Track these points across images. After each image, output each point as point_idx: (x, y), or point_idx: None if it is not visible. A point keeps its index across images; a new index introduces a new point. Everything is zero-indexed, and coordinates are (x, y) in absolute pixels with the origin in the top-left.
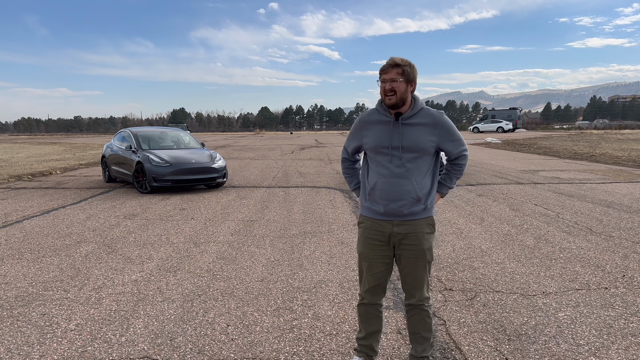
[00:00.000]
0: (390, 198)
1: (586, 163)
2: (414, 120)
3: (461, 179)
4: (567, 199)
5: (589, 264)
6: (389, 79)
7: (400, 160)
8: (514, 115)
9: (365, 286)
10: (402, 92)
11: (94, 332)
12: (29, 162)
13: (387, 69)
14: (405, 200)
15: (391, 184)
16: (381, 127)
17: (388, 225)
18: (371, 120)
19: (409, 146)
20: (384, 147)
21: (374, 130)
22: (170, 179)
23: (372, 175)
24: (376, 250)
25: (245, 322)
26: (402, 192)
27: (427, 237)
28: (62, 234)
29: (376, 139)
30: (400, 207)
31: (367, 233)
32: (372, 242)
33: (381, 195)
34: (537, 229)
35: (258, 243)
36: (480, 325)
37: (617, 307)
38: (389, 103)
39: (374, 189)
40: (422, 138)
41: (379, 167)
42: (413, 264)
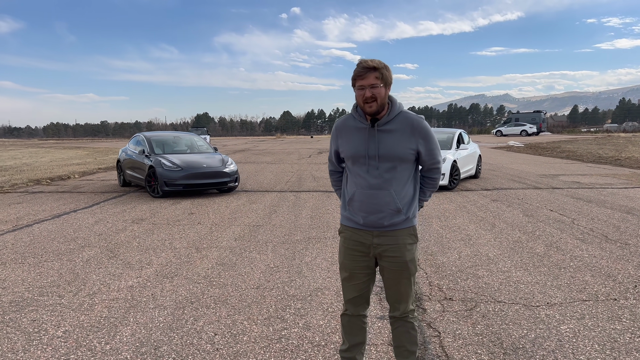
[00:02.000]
0: (369, 210)
1: (610, 167)
2: (391, 126)
3: (477, 183)
4: (585, 205)
5: (600, 273)
6: (368, 85)
7: (377, 170)
8: (538, 118)
9: (347, 297)
10: (383, 98)
11: (80, 339)
12: (50, 167)
13: (364, 73)
14: (385, 212)
15: (369, 196)
16: (357, 134)
17: (368, 235)
18: (347, 126)
19: (386, 155)
20: (360, 156)
21: (350, 138)
22: (182, 184)
23: (350, 185)
24: (357, 260)
25: (234, 331)
26: (381, 204)
27: (409, 248)
28: (68, 238)
29: (352, 147)
30: (380, 220)
31: (347, 243)
32: (352, 252)
33: (360, 207)
34: (549, 236)
35: (260, 249)
36: (476, 338)
37: (625, 320)
38: (371, 111)
39: (352, 200)
40: (399, 145)
41: (356, 177)
42: (396, 277)
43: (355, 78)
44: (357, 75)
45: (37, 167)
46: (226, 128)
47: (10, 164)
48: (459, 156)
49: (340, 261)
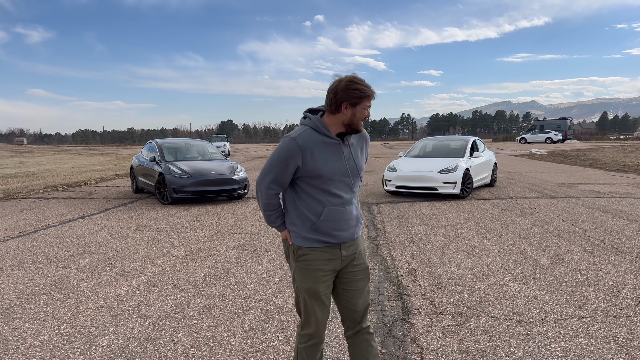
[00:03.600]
0: (342, 228)
1: (633, 176)
2: (352, 139)
3: (491, 191)
4: (600, 215)
5: (604, 288)
6: (368, 107)
7: (349, 186)
8: (564, 125)
9: (319, 325)
10: None
11: (56, 349)
12: (70, 173)
13: (369, 97)
14: (356, 226)
15: (342, 213)
16: (329, 149)
17: (337, 251)
18: (314, 142)
19: (358, 169)
20: (334, 172)
21: (322, 154)
22: (190, 190)
23: (313, 205)
24: (326, 282)
25: (211, 344)
26: (353, 218)
27: (365, 253)
28: (69, 245)
29: (327, 163)
30: (352, 233)
31: (316, 265)
32: (321, 274)
33: (334, 226)
34: (556, 248)
35: (256, 257)
36: (459, 355)
37: (622, 339)
38: (360, 129)
39: (321, 220)
40: (361, 158)
41: (325, 195)
42: (362, 285)
43: (363, 97)
44: (368, 95)
45: (58, 173)
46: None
47: (33, 170)
48: (472, 164)
49: (307, 288)
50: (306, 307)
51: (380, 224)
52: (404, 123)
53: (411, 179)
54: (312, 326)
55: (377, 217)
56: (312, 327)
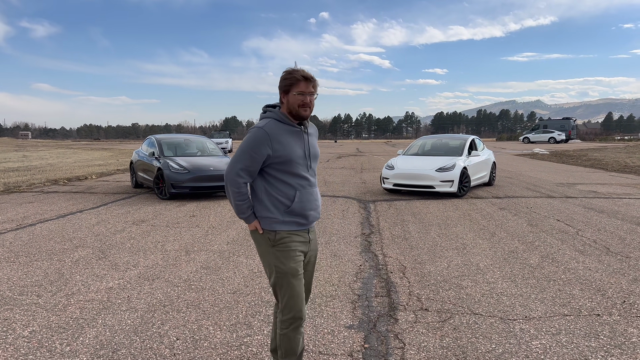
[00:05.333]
0: (313, 207)
1: (633, 177)
2: (310, 130)
3: (489, 190)
4: (595, 215)
5: (590, 287)
6: (308, 92)
7: (313, 170)
8: (568, 125)
9: (300, 304)
10: (313, 106)
11: (43, 340)
12: (72, 167)
13: (305, 81)
14: (320, 207)
15: (312, 194)
16: (293, 137)
17: (305, 233)
18: (280, 131)
19: (316, 154)
20: (299, 157)
21: (287, 141)
22: (188, 186)
23: (285, 189)
24: (301, 262)
25: (197, 337)
26: (318, 199)
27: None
28: (65, 239)
29: (292, 149)
30: (318, 214)
31: (293, 246)
32: (296, 254)
33: (307, 206)
34: (547, 247)
35: (249, 253)
36: (440, 351)
37: (603, 337)
38: (305, 115)
39: (294, 202)
40: (317, 146)
41: (295, 178)
42: (312, 267)
43: (293, 84)
44: (296, 82)
45: (60, 167)
46: None
47: (35, 164)
48: (470, 163)
49: (289, 268)
50: (291, 290)
51: (375, 221)
52: (408, 121)
53: (409, 177)
54: (295, 307)
55: (373, 214)
56: (294, 309)
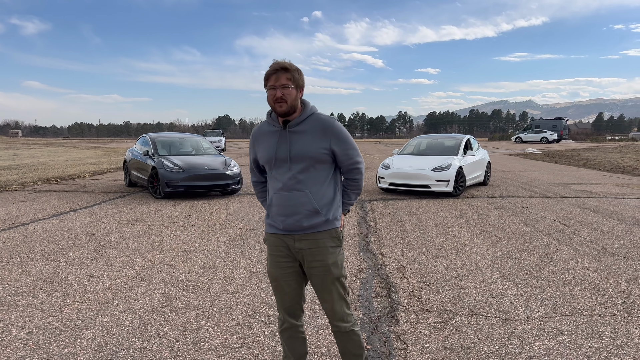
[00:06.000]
0: (286, 213)
1: (626, 176)
2: (302, 127)
3: (484, 190)
4: (590, 215)
5: (590, 287)
6: (279, 85)
7: (290, 172)
8: (560, 125)
9: (280, 308)
10: (293, 99)
11: (40, 342)
12: (64, 166)
13: (276, 73)
14: (302, 213)
15: (285, 198)
16: (270, 137)
17: (290, 240)
18: (262, 132)
19: (298, 155)
20: (273, 158)
21: (264, 142)
22: (183, 185)
23: (270, 191)
24: (283, 267)
25: (197, 338)
26: (297, 205)
27: (331, 251)
28: (59, 238)
29: (267, 151)
30: (298, 221)
31: (271, 250)
32: (277, 259)
33: (278, 211)
34: (545, 247)
35: (247, 253)
36: (444, 352)
37: (605, 337)
38: (281, 111)
39: (271, 205)
40: (311, 145)
41: (272, 180)
42: (321, 281)
43: (267, 78)
44: (268, 75)
45: (52, 166)
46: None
47: (26, 163)
48: (466, 163)
49: (268, 270)
50: (274, 292)
51: (372, 220)
52: (401, 121)
53: (404, 177)
54: (279, 306)
55: (370, 214)
56: (279, 307)
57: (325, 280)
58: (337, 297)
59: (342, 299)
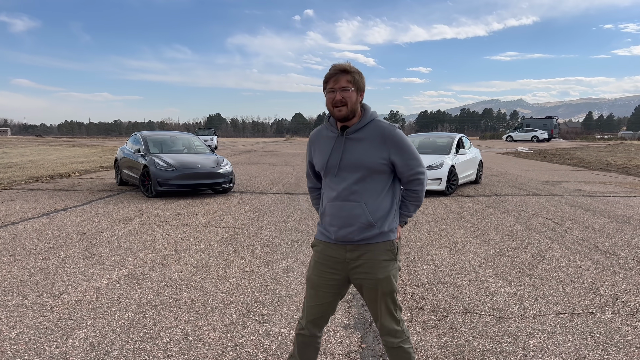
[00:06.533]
0: (339, 224)
1: (616, 175)
2: (360, 134)
3: (476, 188)
4: (582, 213)
5: (583, 285)
6: (339, 88)
7: (345, 181)
8: (550, 124)
9: (309, 317)
10: (353, 103)
11: (31, 342)
12: (54, 164)
13: (336, 75)
14: (355, 226)
15: (338, 208)
16: (327, 143)
17: (341, 250)
18: (320, 136)
19: (354, 164)
20: (330, 166)
21: (321, 148)
22: (175, 184)
23: (324, 199)
24: (325, 277)
25: (190, 338)
26: (351, 217)
27: (384, 264)
28: (50, 237)
29: (322, 157)
30: (350, 234)
31: (318, 257)
32: (322, 267)
33: (331, 221)
34: (538, 245)
35: (240, 252)
36: (438, 351)
37: (598, 335)
38: (339, 115)
39: (324, 214)
40: (369, 154)
41: (326, 189)
42: (370, 294)
43: (327, 80)
44: (328, 77)
45: (42, 164)
46: (238, 129)
47: (16, 161)
48: (458, 161)
49: (308, 276)
50: (306, 295)
51: None
52: (393, 119)
53: None
54: (305, 316)
55: None
56: (305, 317)
57: (375, 295)
58: (386, 311)
59: (391, 315)
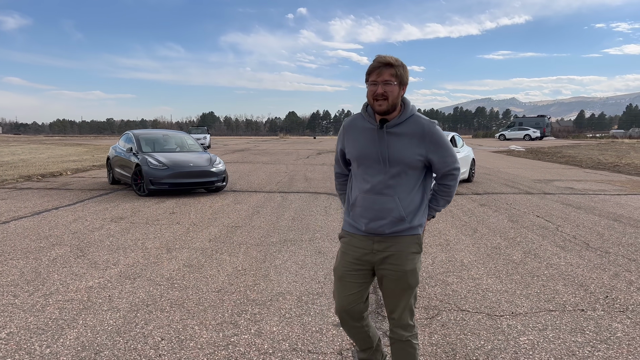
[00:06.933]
0: (371, 217)
1: (607, 173)
2: (400, 129)
3: (469, 187)
4: (573, 211)
5: (573, 282)
6: (382, 81)
7: (382, 175)
8: (542, 122)
9: (338, 307)
10: (395, 97)
11: (22, 342)
12: (45, 163)
13: (379, 68)
14: (387, 219)
15: (371, 201)
16: (364, 134)
17: (369, 242)
18: (355, 125)
19: (392, 159)
20: (365, 158)
21: (357, 138)
22: (168, 182)
23: (354, 189)
24: (352, 269)
25: (182, 337)
26: (384, 210)
27: (411, 257)
28: (41, 236)
29: (358, 147)
30: (381, 227)
31: (345, 248)
32: (349, 259)
33: (362, 213)
34: (529, 243)
35: (232, 250)
36: (430, 348)
37: (588, 332)
38: (380, 109)
39: (354, 205)
40: (407, 150)
41: (359, 181)
42: (393, 287)
43: (370, 72)
44: (371, 70)
45: (33, 163)
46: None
47: (7, 160)
48: None
49: (335, 266)
50: (334, 286)
51: None
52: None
53: None
54: (335, 304)
55: None
56: (336, 306)
57: (397, 287)
58: (405, 304)
59: (410, 309)
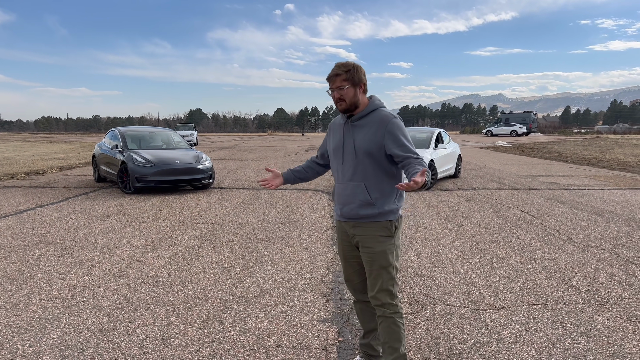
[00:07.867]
0: (343, 202)
1: (591, 168)
2: (363, 121)
3: (455, 182)
4: (557, 206)
5: (556, 276)
6: (336, 88)
7: (351, 164)
8: (529, 118)
9: (348, 284)
10: (351, 97)
11: (4, 341)
12: (30, 161)
13: (332, 77)
14: (355, 203)
15: (343, 188)
16: (339, 130)
17: (347, 226)
18: (335, 124)
19: (358, 147)
20: (337, 149)
21: (334, 134)
22: (154, 180)
23: (335, 182)
24: (346, 250)
25: (166, 334)
26: (352, 195)
27: (380, 240)
28: (25, 235)
29: (334, 141)
30: (352, 210)
31: (337, 233)
32: (342, 242)
33: (337, 200)
34: (514, 237)
35: (218, 248)
36: (414, 343)
37: (569, 325)
38: (341, 109)
39: (334, 194)
40: (367, 140)
41: (334, 172)
42: (368, 267)
43: (328, 81)
44: (328, 79)
45: (17, 161)
46: (219, 124)
47: None
48: (437, 155)
49: (338, 249)
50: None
51: None
52: None
53: None
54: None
55: None
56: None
57: (372, 267)
58: (380, 284)
59: (386, 289)
